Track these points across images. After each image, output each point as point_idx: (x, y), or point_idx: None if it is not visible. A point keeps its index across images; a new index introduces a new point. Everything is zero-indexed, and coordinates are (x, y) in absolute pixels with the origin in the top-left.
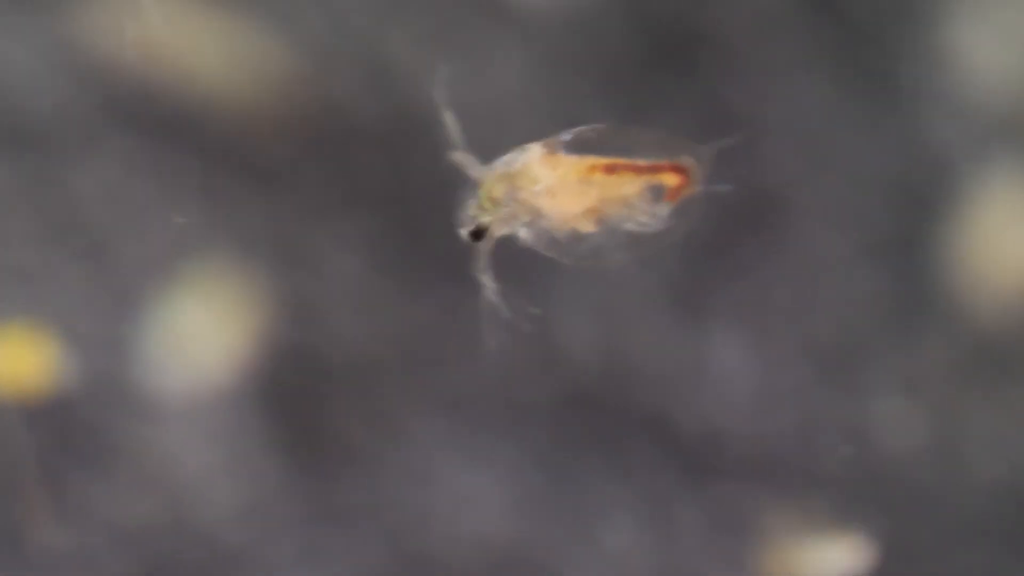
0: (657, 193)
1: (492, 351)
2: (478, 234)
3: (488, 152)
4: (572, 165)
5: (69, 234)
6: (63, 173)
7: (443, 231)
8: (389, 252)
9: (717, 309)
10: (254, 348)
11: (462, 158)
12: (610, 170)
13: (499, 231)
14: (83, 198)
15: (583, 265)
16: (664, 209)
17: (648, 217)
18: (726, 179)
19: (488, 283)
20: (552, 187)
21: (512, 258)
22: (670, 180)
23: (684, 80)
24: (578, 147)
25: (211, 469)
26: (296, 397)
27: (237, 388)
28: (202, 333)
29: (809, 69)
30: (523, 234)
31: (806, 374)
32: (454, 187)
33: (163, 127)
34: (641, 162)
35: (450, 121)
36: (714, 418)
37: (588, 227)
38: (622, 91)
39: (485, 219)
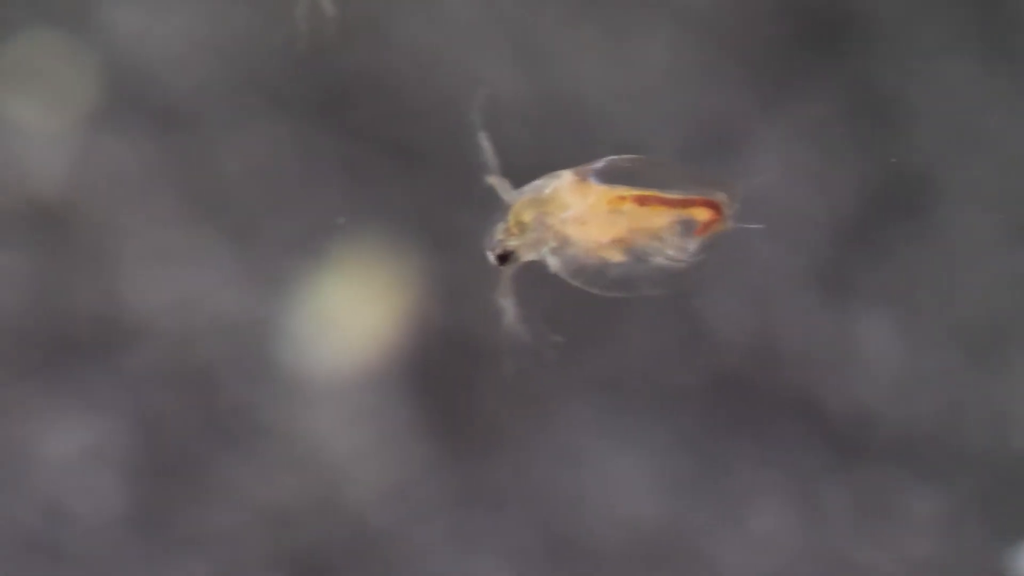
0: (687, 227)
1: (511, 376)
2: (504, 258)
3: (639, 131)
4: (603, 194)
5: (217, 214)
6: (210, 153)
7: None
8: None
9: (865, 291)
10: (402, 329)
11: (496, 181)
12: (641, 201)
13: (526, 256)
14: (230, 178)
15: (609, 295)
16: (693, 244)
17: (676, 251)
18: (872, 162)
19: (510, 308)
20: (582, 215)
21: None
22: (701, 215)
23: (831, 61)
24: (610, 176)
25: (359, 450)
26: (445, 378)
27: (385, 369)
28: (350, 313)
29: (957, 50)
30: (550, 261)
31: (953, 356)
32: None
33: (310, 106)
34: (673, 195)
35: (485, 144)
36: (861, 400)
37: (615, 257)
38: (769, 72)
39: (512, 243)
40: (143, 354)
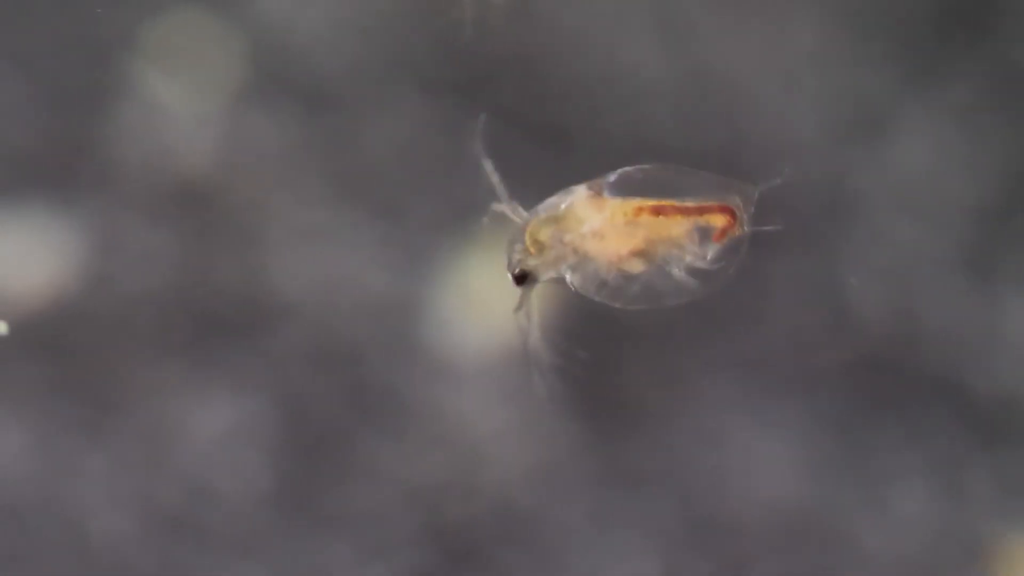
0: (705, 234)
1: (543, 395)
2: (523, 278)
3: (784, 113)
4: (618, 207)
5: (363, 194)
6: (357, 133)
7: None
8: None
9: (1010, 273)
10: (547, 309)
11: (505, 207)
12: (657, 212)
13: (545, 275)
14: (376, 158)
15: (632, 308)
16: (712, 250)
17: (696, 258)
18: (1019, 143)
19: (532, 327)
20: (599, 229)
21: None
22: (717, 221)
23: (976, 43)
24: (624, 188)
25: (503, 430)
26: (590, 357)
27: (530, 347)
28: (496, 293)
29: None
30: (570, 278)
31: None
32: (743, 146)
33: (454, 87)
34: (688, 203)
35: (490, 171)
36: (1007, 382)
37: (634, 269)
38: (914, 54)
39: (531, 263)
40: (289, 334)
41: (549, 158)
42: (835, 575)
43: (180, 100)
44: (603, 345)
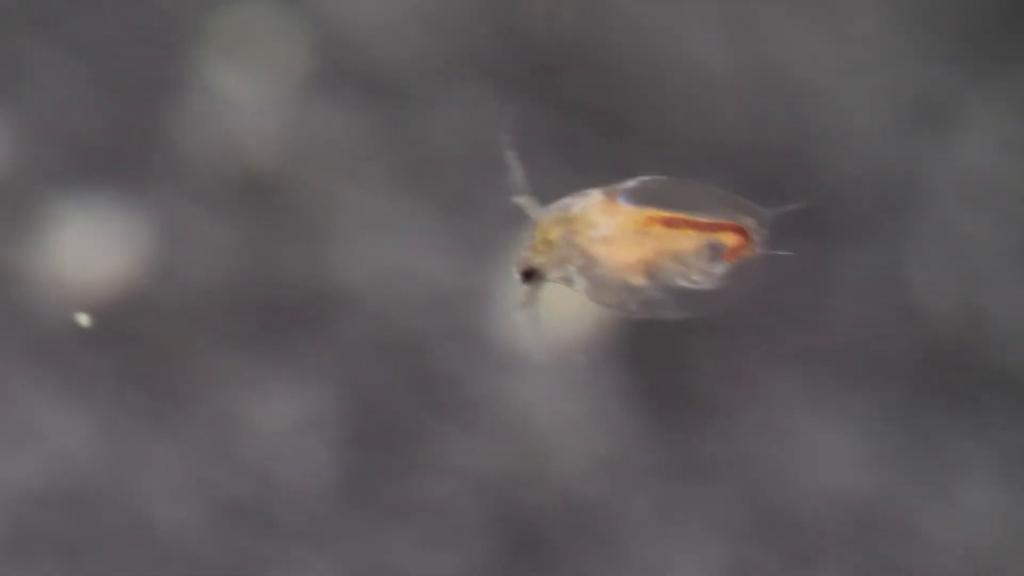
0: (715, 252)
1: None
2: (529, 275)
3: (848, 105)
4: (631, 215)
5: (427, 184)
6: (421, 123)
7: (801, 185)
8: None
9: None
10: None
11: (525, 200)
12: (669, 224)
13: (551, 274)
14: (441, 148)
15: (634, 317)
16: (720, 268)
17: (702, 275)
18: None
19: (530, 325)
20: (609, 235)
21: None
22: (729, 240)
23: None
24: (639, 197)
25: (569, 421)
26: (654, 350)
27: (595, 340)
28: (561, 285)
29: None
30: (576, 280)
31: None
32: (806, 138)
33: (518, 77)
34: (702, 219)
35: (514, 163)
36: None
37: (640, 279)
38: (978, 45)
39: (538, 260)
40: (354, 324)
41: (611, 150)
42: (902, 568)
43: (246, 90)
44: (669, 338)
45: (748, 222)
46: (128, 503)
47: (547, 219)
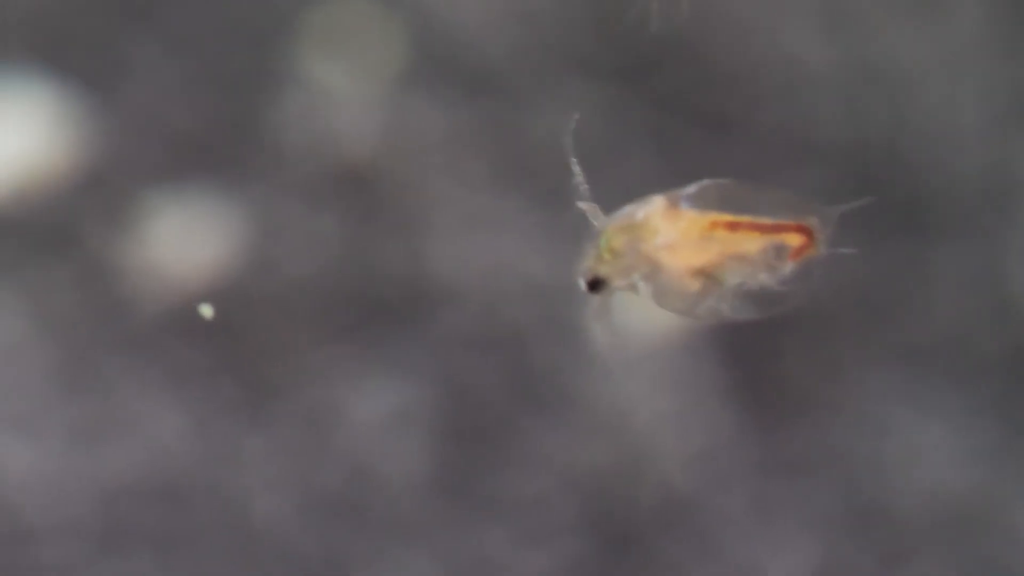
0: (780, 253)
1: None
2: (595, 285)
3: (949, 101)
4: (694, 220)
5: (524, 179)
6: (518, 118)
7: (900, 181)
8: (844, 203)
9: None
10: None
11: (588, 207)
12: (732, 227)
13: (617, 283)
14: (537, 143)
15: (702, 321)
16: (786, 269)
17: (769, 277)
18: None
19: (602, 336)
20: (673, 241)
21: None
22: (793, 240)
23: None
24: (701, 202)
25: (666, 417)
26: (751, 346)
27: (692, 335)
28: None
29: None
30: (641, 287)
31: None
32: (906, 135)
33: (617, 73)
34: (765, 221)
35: (577, 169)
36: None
37: (706, 283)
38: None
39: (604, 270)
40: (451, 318)
41: (708, 145)
42: (999, 566)
43: (345, 85)
44: (766, 334)
45: (812, 221)
46: (223, 496)
47: (611, 227)
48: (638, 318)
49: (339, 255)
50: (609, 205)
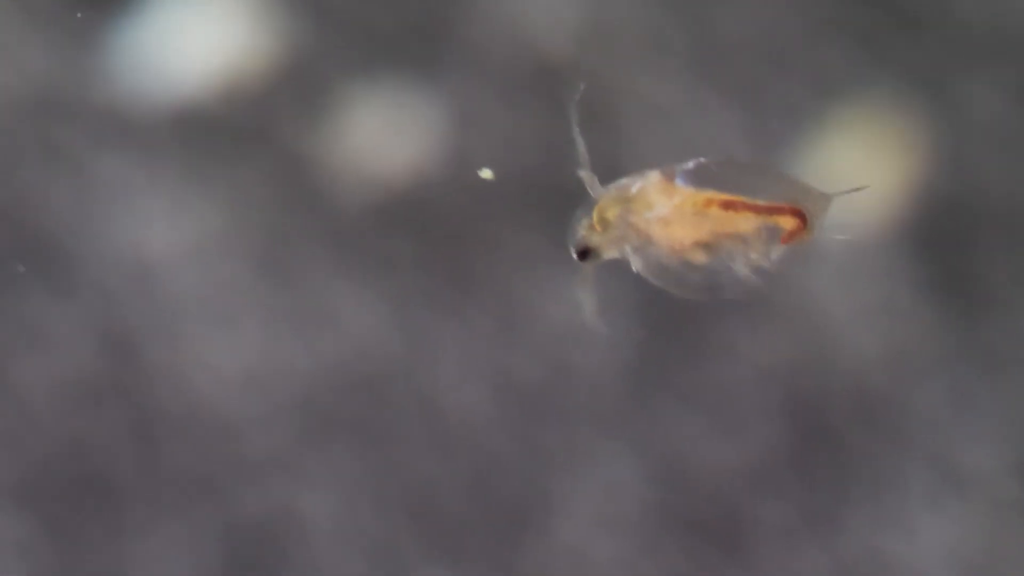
0: (772, 235)
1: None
2: (586, 254)
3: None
4: (689, 196)
5: (720, 73)
6: (712, 12)
7: None
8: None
9: None
10: (907, 193)
11: (587, 176)
12: (727, 206)
13: (608, 253)
14: (731, 37)
15: (691, 297)
16: (776, 251)
17: (759, 257)
18: None
19: (588, 303)
20: (666, 216)
21: None
22: (787, 223)
23: None
24: (698, 179)
25: (860, 310)
26: (945, 243)
27: (889, 232)
28: (854, 176)
29: None
30: (632, 260)
31: None
32: None
33: None
34: (760, 201)
35: (579, 138)
36: None
37: (697, 259)
38: None
39: (595, 239)
40: None
41: (901, 38)
42: None
43: None
44: (962, 230)
45: (807, 206)
46: (420, 388)
47: (605, 198)
48: (834, 213)
49: (534, 149)
50: (805, 100)
